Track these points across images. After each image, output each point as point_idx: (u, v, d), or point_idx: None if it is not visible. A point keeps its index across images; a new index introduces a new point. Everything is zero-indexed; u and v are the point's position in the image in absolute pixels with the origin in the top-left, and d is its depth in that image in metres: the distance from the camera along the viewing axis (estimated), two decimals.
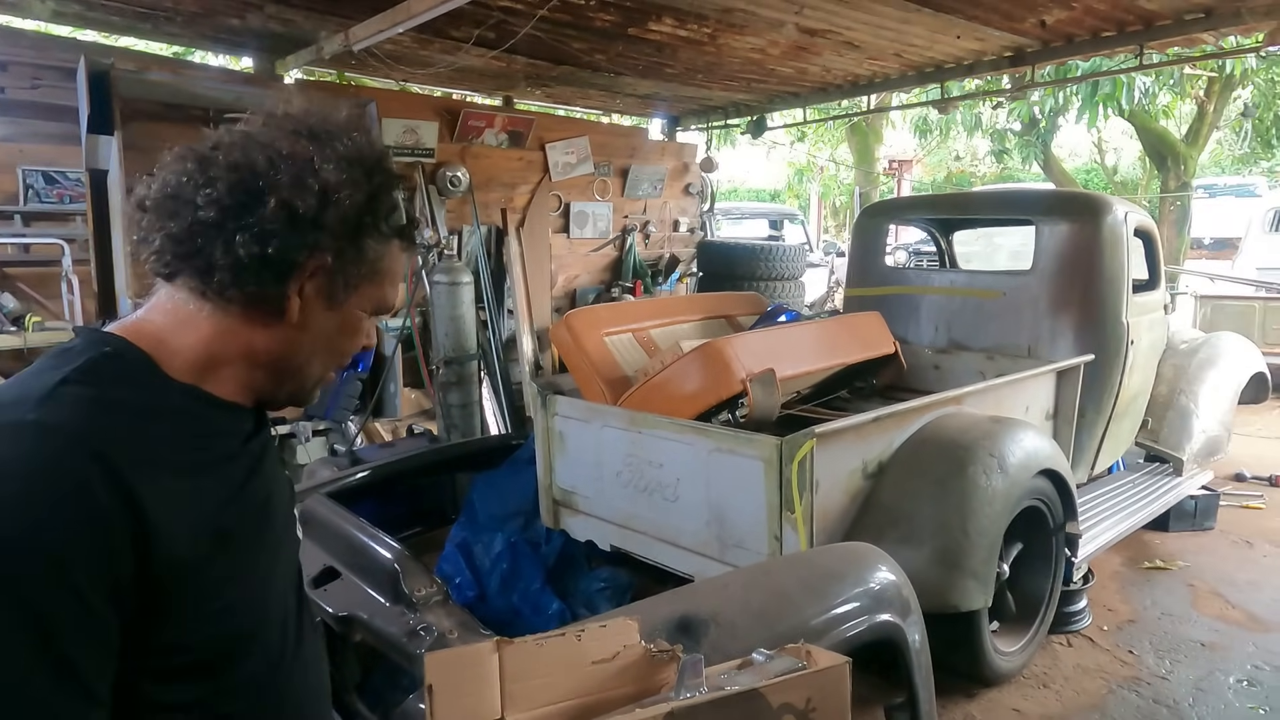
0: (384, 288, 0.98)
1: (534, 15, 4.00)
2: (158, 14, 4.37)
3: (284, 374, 0.94)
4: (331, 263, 0.90)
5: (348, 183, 0.89)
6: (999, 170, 18.54)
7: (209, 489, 0.85)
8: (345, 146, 0.91)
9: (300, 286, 0.89)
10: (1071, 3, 4.20)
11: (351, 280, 0.93)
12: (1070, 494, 3.05)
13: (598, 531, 3.19)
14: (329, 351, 0.97)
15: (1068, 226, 3.75)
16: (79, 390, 0.78)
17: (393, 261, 0.98)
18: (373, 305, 0.97)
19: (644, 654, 1.62)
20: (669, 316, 3.74)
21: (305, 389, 0.98)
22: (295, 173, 0.86)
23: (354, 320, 0.97)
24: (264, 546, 0.94)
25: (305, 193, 0.86)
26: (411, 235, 1.00)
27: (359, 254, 0.93)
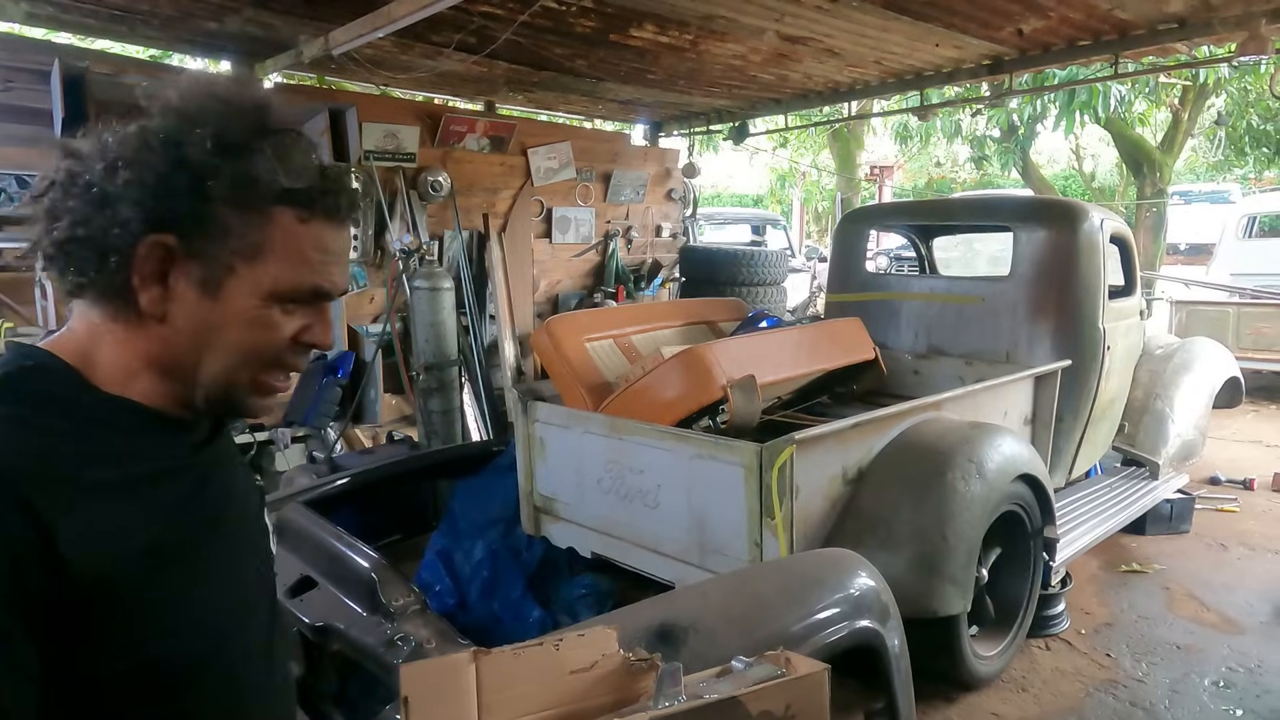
0: (275, 267, 0.82)
1: (515, 21, 3.99)
2: (134, 16, 4.33)
3: (184, 378, 0.83)
4: (177, 243, 0.79)
5: (145, 148, 0.78)
6: (979, 176, 18.73)
7: (136, 506, 0.79)
8: (159, 109, 0.80)
9: (151, 276, 0.79)
10: (1048, 12, 4.25)
11: (216, 260, 0.80)
12: (1048, 498, 3.07)
13: (579, 538, 3.18)
14: (227, 349, 0.83)
15: (1045, 233, 3.79)
16: None
17: (284, 236, 0.82)
18: (269, 289, 0.82)
19: (622, 663, 1.61)
20: (650, 322, 3.73)
21: (220, 395, 0.85)
22: (113, 156, 0.78)
23: (247, 310, 0.82)
24: (215, 564, 0.86)
25: (110, 171, 0.77)
26: (309, 200, 0.83)
27: (216, 230, 0.80)
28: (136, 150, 0.78)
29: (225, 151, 0.79)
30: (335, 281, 0.87)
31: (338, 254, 0.87)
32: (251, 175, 0.80)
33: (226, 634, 0.87)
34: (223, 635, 0.86)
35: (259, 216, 0.81)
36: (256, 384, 0.86)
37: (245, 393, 0.86)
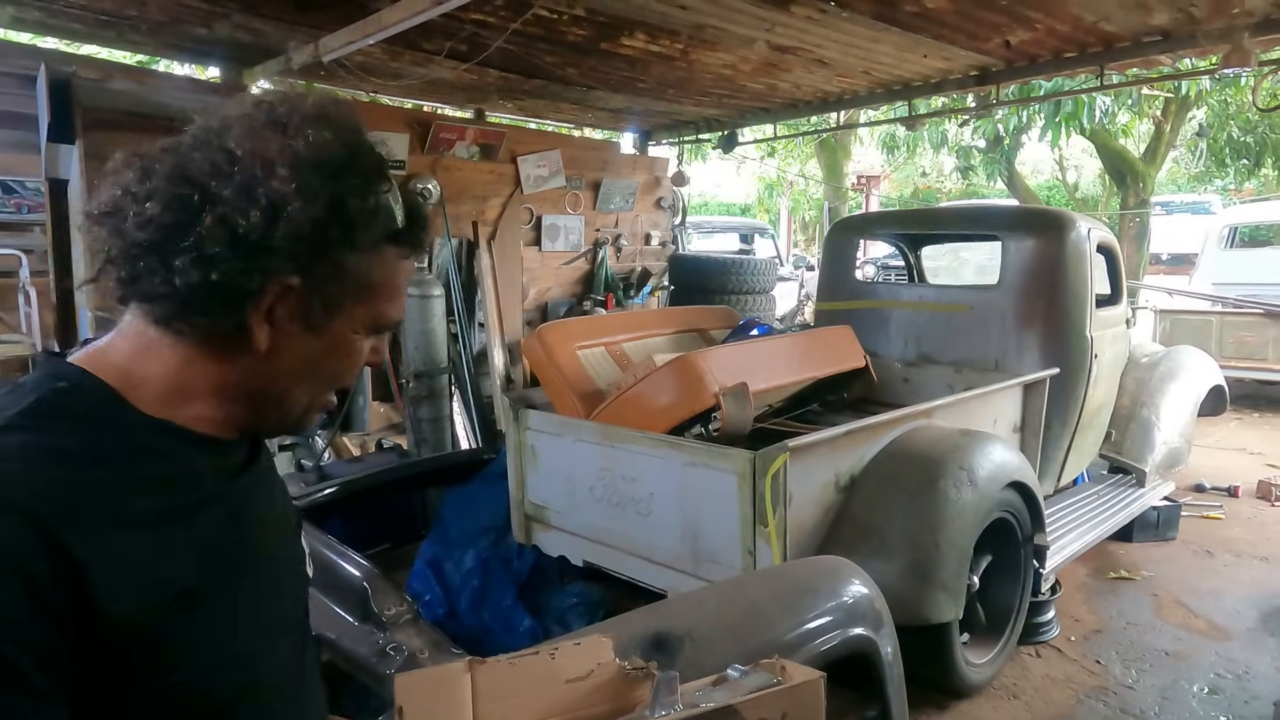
0: (378, 304, 0.84)
1: (506, 29, 4.00)
2: (121, 22, 4.30)
3: (264, 406, 0.82)
4: (301, 284, 0.77)
5: (301, 191, 0.75)
6: (964, 186, 18.88)
7: (176, 542, 0.74)
8: (304, 144, 0.77)
9: (265, 314, 0.77)
10: (1035, 24, 4.30)
11: (332, 300, 0.80)
12: (1038, 506, 3.09)
13: (570, 547, 3.17)
14: (316, 378, 0.84)
15: (1033, 242, 3.82)
16: (21, 439, 0.69)
17: (387, 273, 0.83)
18: (367, 323, 0.84)
19: (618, 672, 1.60)
20: (641, 330, 3.74)
21: (292, 418, 0.86)
22: (241, 182, 0.74)
23: (343, 341, 0.83)
24: (253, 594, 0.83)
25: (249, 206, 0.73)
26: (412, 239, 0.85)
27: (335, 271, 0.79)
28: (276, 188, 0.74)
29: (343, 195, 0.78)
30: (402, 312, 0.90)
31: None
32: (366, 219, 0.80)
33: (262, 663, 0.83)
34: (258, 665, 0.83)
35: (374, 256, 0.82)
36: (320, 403, 0.87)
37: (311, 414, 0.87)
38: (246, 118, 0.79)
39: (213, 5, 3.97)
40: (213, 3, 3.93)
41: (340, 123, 0.81)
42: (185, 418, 0.78)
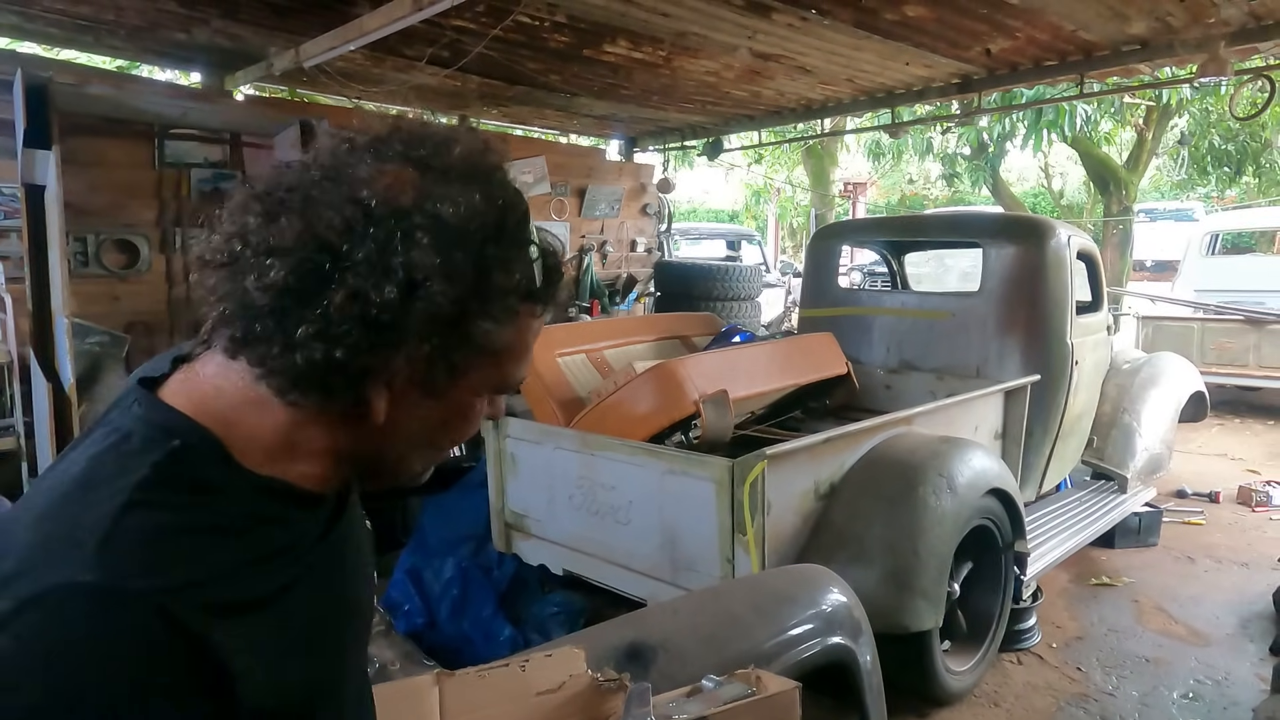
0: (504, 368, 0.75)
1: (488, 35, 3.99)
2: (100, 27, 4.27)
3: (378, 470, 0.77)
4: (428, 352, 0.70)
5: (444, 266, 0.67)
6: (950, 193, 19.01)
7: (293, 610, 0.70)
8: (450, 207, 0.68)
9: (386, 386, 0.70)
10: (1015, 33, 4.33)
11: (458, 368, 0.72)
12: (1019, 513, 3.09)
13: (550, 555, 3.14)
14: (434, 444, 0.78)
15: (1013, 249, 3.83)
16: (145, 518, 0.61)
17: (519, 335, 0.75)
18: (491, 387, 0.77)
19: (590, 683, 1.59)
20: (623, 337, 3.73)
21: (403, 480, 0.80)
22: (377, 248, 0.65)
23: (465, 407, 0.76)
24: (348, 644, 0.82)
25: (384, 282, 0.65)
26: (547, 297, 0.76)
27: (465, 341, 0.71)
28: (417, 261, 0.66)
29: (489, 265, 0.70)
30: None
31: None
32: (508, 287, 0.72)
33: (344, 698, 0.82)
34: (343, 700, 0.82)
35: (513, 321, 0.74)
36: (431, 466, 0.81)
37: (425, 474, 0.81)
38: (376, 152, 0.71)
39: (191, 10, 3.94)
40: (191, 8, 3.91)
41: (488, 176, 0.72)
42: (292, 474, 0.72)
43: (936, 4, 3.85)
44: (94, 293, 4.57)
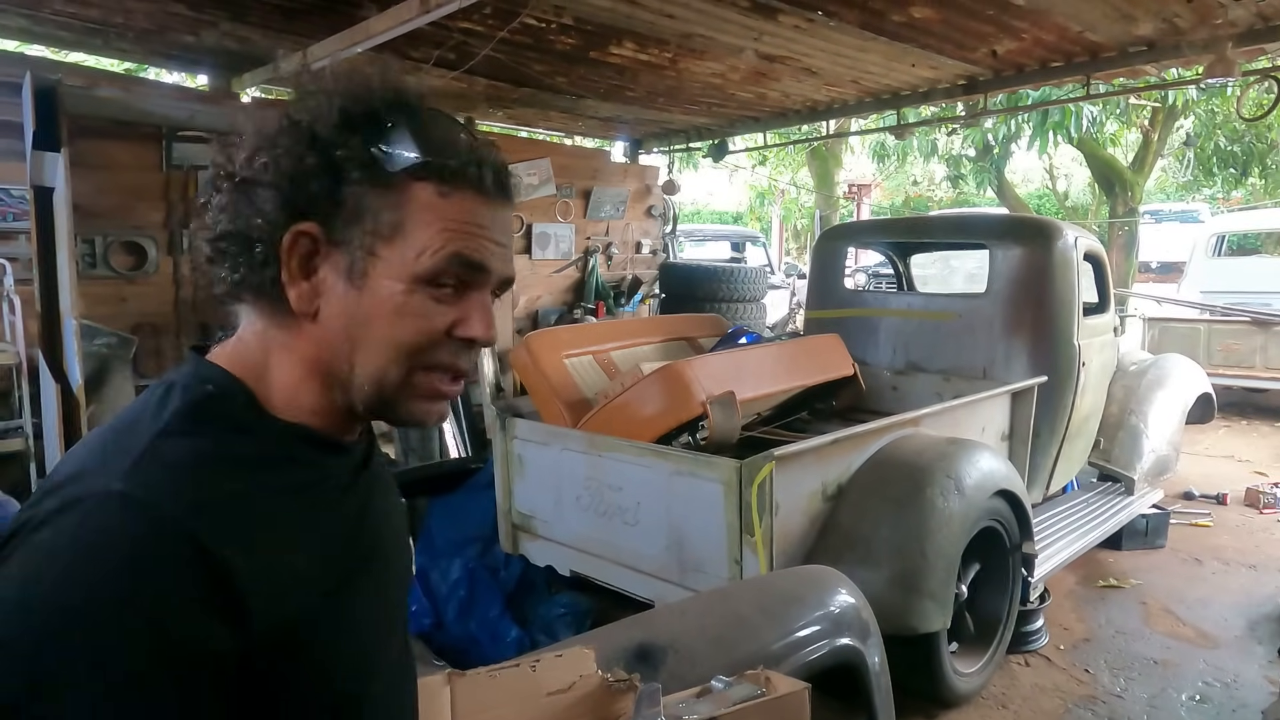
0: (418, 245, 0.75)
1: (494, 37, 4.00)
2: (108, 29, 4.29)
3: (341, 383, 0.78)
4: (320, 232, 0.74)
5: (295, 125, 0.74)
6: (955, 195, 18.99)
7: (313, 545, 0.75)
8: (313, 84, 0.77)
9: (296, 269, 0.75)
10: (1021, 34, 4.32)
11: (362, 245, 0.75)
12: (1026, 514, 3.08)
13: (557, 556, 3.15)
14: (379, 344, 0.76)
15: (1020, 251, 3.83)
16: (176, 444, 0.69)
17: (424, 210, 0.75)
18: (412, 272, 0.75)
19: (600, 684, 1.59)
20: (629, 338, 3.73)
21: (377, 399, 0.79)
22: (255, 136, 0.76)
23: (393, 297, 0.75)
24: (373, 595, 0.83)
25: (249, 158, 0.75)
26: (451, 170, 0.76)
27: (355, 212, 0.74)
28: (274, 134, 0.75)
29: (358, 127, 0.75)
30: (487, 258, 0.78)
31: (489, 229, 0.78)
32: (387, 150, 0.75)
33: (381, 657, 0.85)
34: (379, 659, 0.84)
35: (396, 193, 0.75)
36: (415, 386, 0.78)
37: (405, 396, 0.79)
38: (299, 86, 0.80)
39: (199, 13, 3.96)
40: (199, 10, 3.92)
41: (360, 79, 0.78)
42: (308, 414, 0.78)
43: (943, 5, 3.85)
44: (102, 294, 4.58)
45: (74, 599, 0.60)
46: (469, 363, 0.81)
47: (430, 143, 0.76)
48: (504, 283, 0.81)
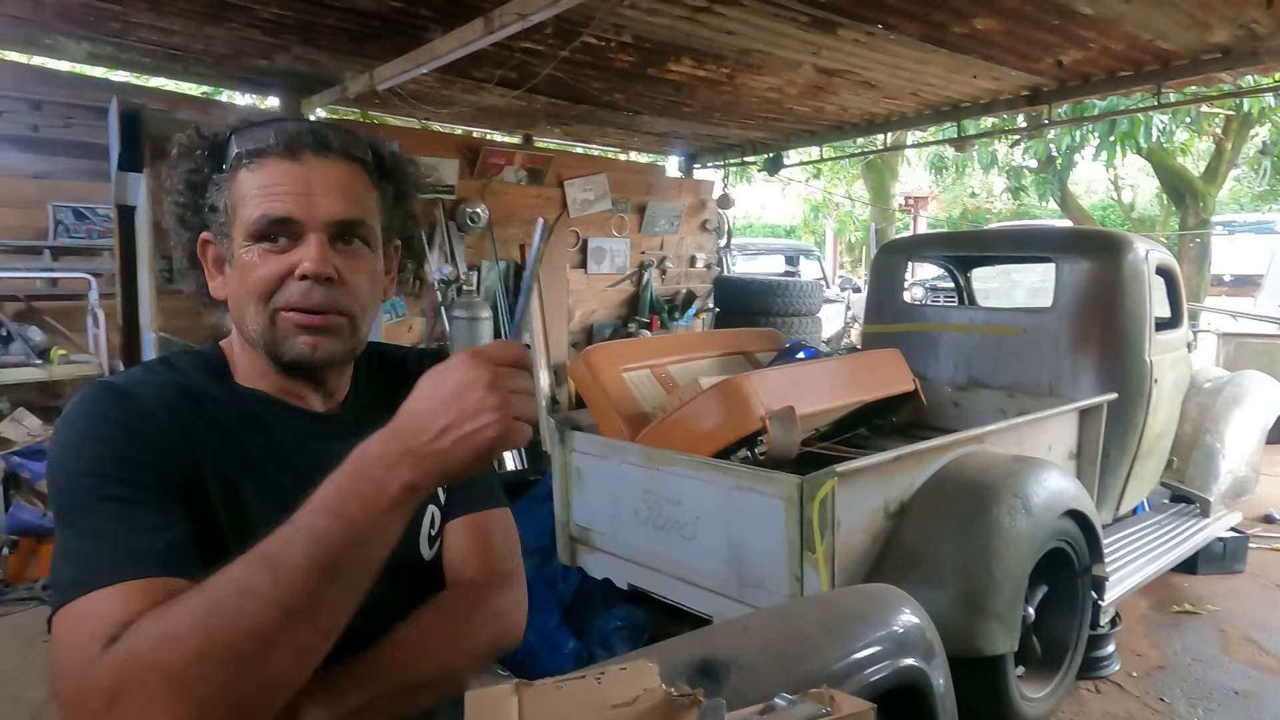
0: (241, 213, 0.96)
1: (556, 57, 4.07)
2: (188, 55, 4.49)
3: (250, 343, 0.99)
4: (211, 236, 1.00)
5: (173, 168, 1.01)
6: (1015, 207, 18.56)
7: (246, 453, 0.95)
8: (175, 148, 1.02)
9: (208, 268, 1.02)
10: (1088, 44, 4.23)
11: (227, 234, 0.98)
12: (1096, 535, 2.99)
13: (615, 569, 3.16)
14: (242, 298, 0.97)
15: (1088, 264, 3.74)
16: (152, 365, 1.00)
17: (241, 186, 0.96)
18: (243, 234, 0.96)
19: (665, 698, 1.58)
20: (687, 353, 3.74)
21: (263, 342, 0.97)
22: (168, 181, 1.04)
23: (240, 259, 0.97)
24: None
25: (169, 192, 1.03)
26: (258, 151, 0.95)
27: (216, 211, 0.98)
28: (170, 178, 1.01)
29: (209, 151, 0.98)
30: (291, 210, 0.94)
31: (293, 185, 0.94)
32: (224, 158, 0.97)
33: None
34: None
35: (229, 184, 0.97)
36: (279, 326, 0.96)
37: (277, 336, 0.96)
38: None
39: (273, 38, 4.12)
40: (273, 36, 4.08)
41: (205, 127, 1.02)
42: (261, 384, 1.01)
43: (1007, 17, 3.79)
44: (178, 308, 4.76)
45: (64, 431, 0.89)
46: (317, 298, 0.95)
47: (244, 138, 0.97)
48: (339, 224, 0.96)
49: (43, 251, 4.70)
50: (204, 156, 0.98)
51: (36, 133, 4.64)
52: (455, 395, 0.76)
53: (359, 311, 1.00)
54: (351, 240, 0.98)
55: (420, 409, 0.77)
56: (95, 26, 3.97)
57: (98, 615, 0.76)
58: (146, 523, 0.83)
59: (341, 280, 0.96)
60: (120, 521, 0.82)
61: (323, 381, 1.04)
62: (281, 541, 0.74)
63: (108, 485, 0.84)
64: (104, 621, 0.75)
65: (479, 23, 3.53)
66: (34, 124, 4.62)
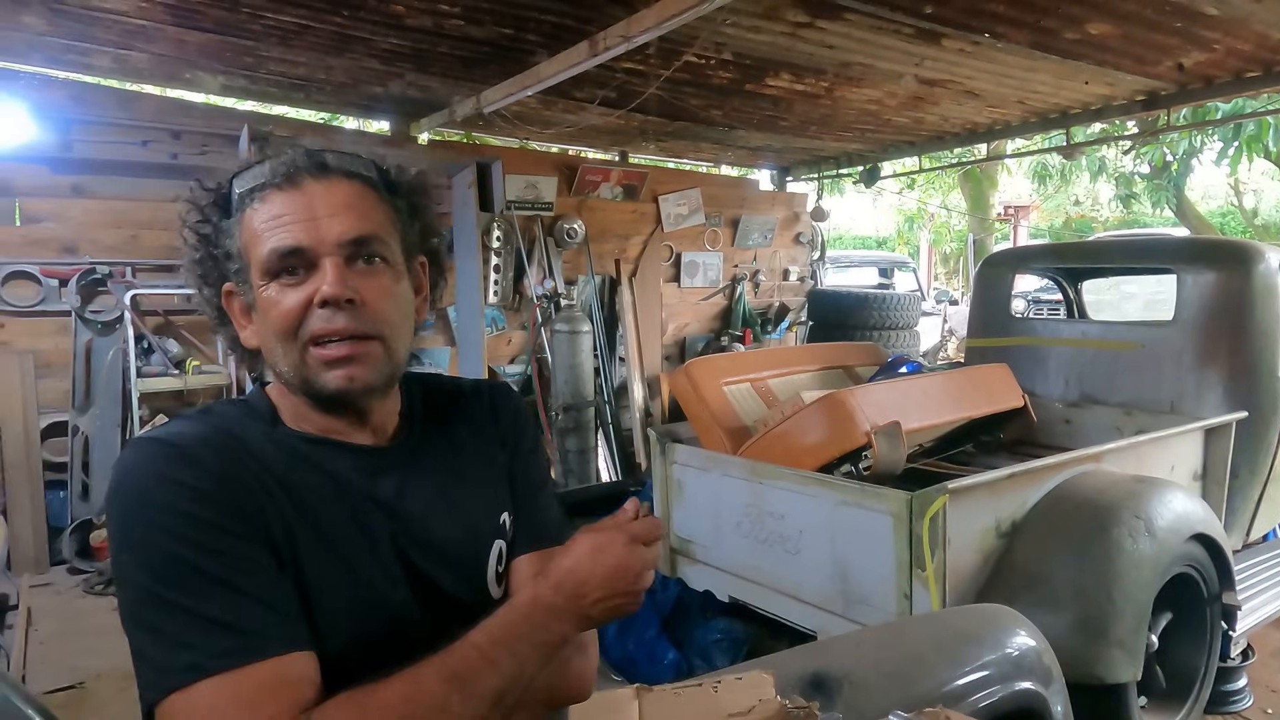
0: (254, 253, 0.94)
1: (658, 77, 4.15)
2: (310, 85, 4.77)
3: (285, 385, 0.98)
4: (234, 286, 0.98)
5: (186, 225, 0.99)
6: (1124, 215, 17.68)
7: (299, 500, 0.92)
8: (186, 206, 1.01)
9: (236, 318, 0.99)
10: (1212, 45, 4.03)
11: (246, 280, 0.96)
12: (1226, 561, 2.84)
13: (716, 582, 3.18)
14: (270, 339, 0.95)
15: (1214, 275, 3.55)
16: (191, 418, 0.96)
17: (248, 227, 0.94)
18: (259, 274, 0.94)
19: (779, 710, 1.60)
20: (787, 366, 3.74)
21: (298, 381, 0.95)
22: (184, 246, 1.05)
23: (261, 300, 0.95)
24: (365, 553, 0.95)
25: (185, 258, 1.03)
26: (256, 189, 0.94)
27: (231, 259, 0.96)
28: (185, 239, 1.00)
29: (215, 201, 0.97)
30: (298, 240, 0.92)
31: (295, 214, 0.92)
32: (230, 205, 0.96)
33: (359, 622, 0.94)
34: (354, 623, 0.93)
35: (238, 228, 0.95)
36: (310, 362, 0.94)
37: (310, 373, 0.94)
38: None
39: (389, 66, 4.34)
40: (389, 64, 4.30)
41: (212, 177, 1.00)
42: (307, 427, 0.98)
43: (1124, 20, 3.66)
44: None
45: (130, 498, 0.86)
46: (341, 322, 0.92)
47: (244, 179, 0.95)
48: (351, 243, 0.93)
49: (178, 270, 5.07)
50: (211, 207, 0.96)
51: (176, 160, 5.01)
52: (613, 574, 0.89)
53: (389, 333, 0.95)
54: (370, 259, 0.94)
55: (581, 574, 0.88)
56: (231, 61, 4.28)
57: (251, 699, 0.77)
58: (251, 594, 0.82)
59: (364, 301, 0.92)
60: (222, 597, 0.81)
61: (366, 414, 0.99)
62: (469, 668, 0.82)
63: (197, 555, 0.81)
64: (269, 706, 0.77)
65: (584, 46, 3.63)
66: (174, 152, 5.00)
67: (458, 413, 1.12)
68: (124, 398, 4.75)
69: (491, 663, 0.82)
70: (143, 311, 4.86)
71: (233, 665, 0.78)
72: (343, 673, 0.84)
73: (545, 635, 0.87)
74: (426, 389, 1.11)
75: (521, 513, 1.10)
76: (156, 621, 0.80)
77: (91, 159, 4.79)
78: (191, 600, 0.80)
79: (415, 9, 3.46)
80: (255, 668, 0.78)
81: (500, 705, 0.83)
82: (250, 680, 0.78)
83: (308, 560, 0.89)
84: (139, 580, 0.81)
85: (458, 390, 1.15)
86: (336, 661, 0.86)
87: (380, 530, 0.96)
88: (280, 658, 0.80)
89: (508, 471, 1.11)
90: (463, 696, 0.80)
